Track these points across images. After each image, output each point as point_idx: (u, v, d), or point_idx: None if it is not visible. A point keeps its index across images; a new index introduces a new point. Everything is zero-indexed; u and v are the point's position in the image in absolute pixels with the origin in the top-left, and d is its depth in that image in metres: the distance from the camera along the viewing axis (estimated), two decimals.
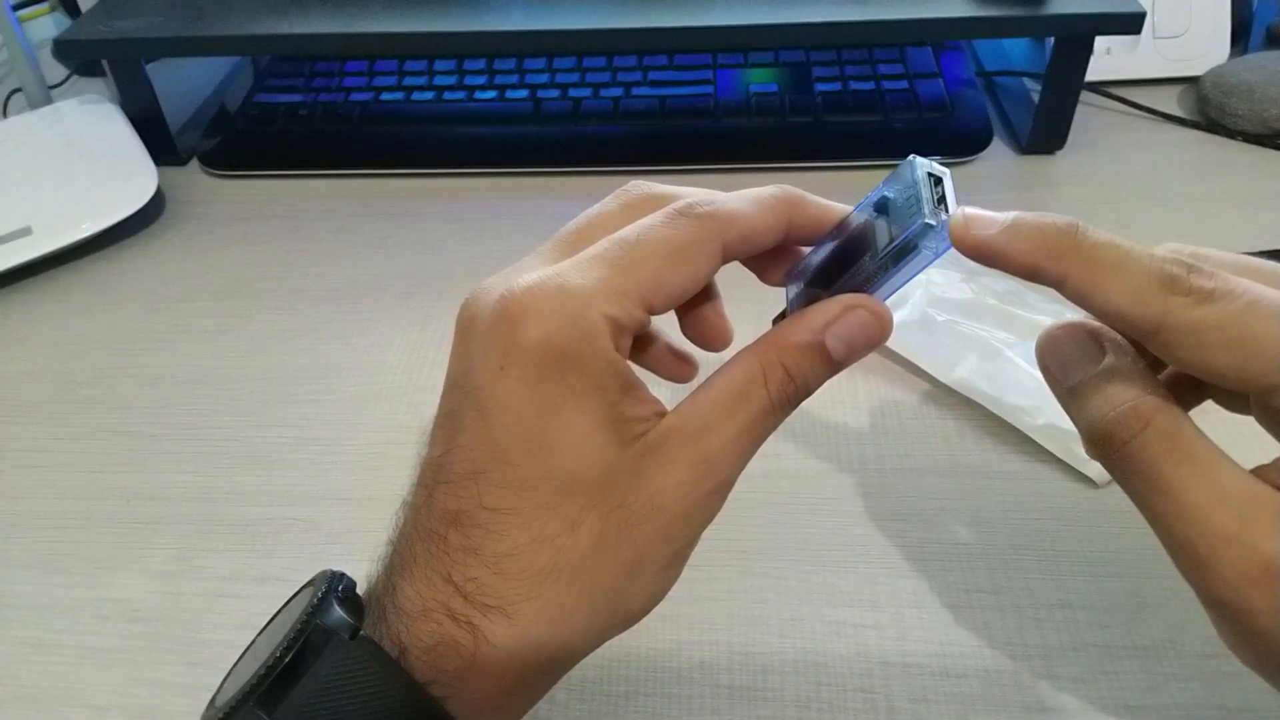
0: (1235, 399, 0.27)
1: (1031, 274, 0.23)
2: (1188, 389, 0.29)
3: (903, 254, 0.24)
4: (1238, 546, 0.22)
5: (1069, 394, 0.25)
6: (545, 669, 0.24)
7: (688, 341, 0.29)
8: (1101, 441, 0.24)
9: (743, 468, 0.25)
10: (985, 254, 0.24)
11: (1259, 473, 0.23)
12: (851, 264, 0.25)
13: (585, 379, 0.23)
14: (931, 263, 0.24)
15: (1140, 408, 0.23)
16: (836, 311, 0.24)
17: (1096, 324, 0.25)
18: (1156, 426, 0.23)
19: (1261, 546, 0.22)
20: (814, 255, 0.27)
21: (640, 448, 0.24)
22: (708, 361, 0.29)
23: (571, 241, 0.26)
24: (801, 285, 0.27)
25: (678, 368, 0.30)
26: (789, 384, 0.24)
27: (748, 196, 0.26)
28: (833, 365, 0.25)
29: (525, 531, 0.23)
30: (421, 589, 0.23)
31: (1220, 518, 0.22)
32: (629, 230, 0.24)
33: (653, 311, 0.24)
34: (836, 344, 0.24)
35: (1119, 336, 0.25)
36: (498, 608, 0.23)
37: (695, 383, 0.26)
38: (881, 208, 0.25)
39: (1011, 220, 0.24)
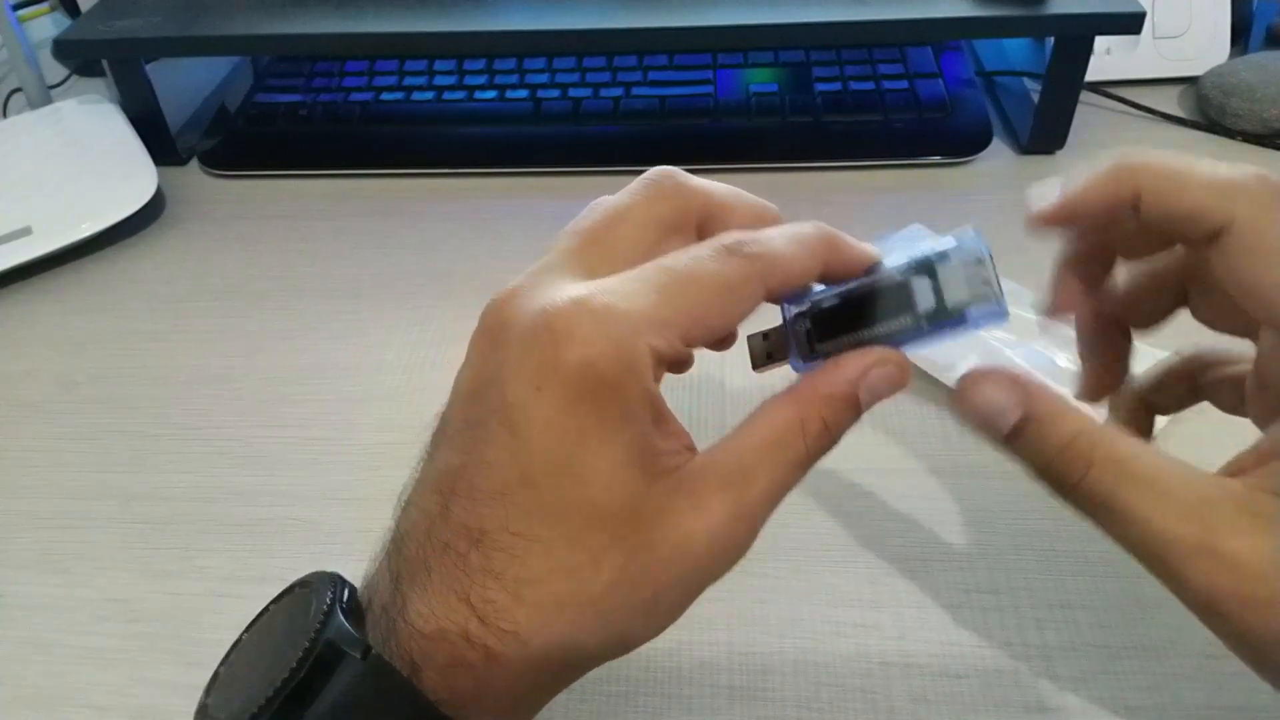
0: (1232, 398, 0.27)
1: (1113, 204, 0.24)
2: (1183, 389, 0.29)
3: (950, 321, 0.24)
4: (1204, 554, 0.22)
5: (1005, 443, 0.25)
6: (549, 688, 0.24)
7: None
8: (1053, 486, 0.24)
9: (769, 517, 0.24)
10: (1068, 217, 0.25)
11: (1234, 464, 0.23)
12: (881, 315, 0.25)
13: (621, 408, 0.22)
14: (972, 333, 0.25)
15: (1078, 445, 0.23)
16: (871, 362, 0.25)
17: (1002, 369, 0.25)
18: (1099, 460, 0.23)
19: (1226, 548, 0.21)
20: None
21: (670, 484, 0.23)
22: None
23: (602, 239, 0.25)
24: (803, 311, 0.26)
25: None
26: (825, 435, 0.24)
27: (790, 236, 0.25)
28: (859, 415, 0.25)
29: (547, 560, 0.22)
30: (436, 607, 0.22)
31: (1180, 530, 0.22)
32: (679, 260, 0.24)
33: (691, 345, 0.24)
34: (866, 394, 0.25)
35: (1030, 375, 0.25)
36: (513, 633, 0.22)
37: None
38: (926, 269, 0.25)
39: (1073, 178, 0.25)
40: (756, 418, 0.25)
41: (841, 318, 0.26)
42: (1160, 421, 0.39)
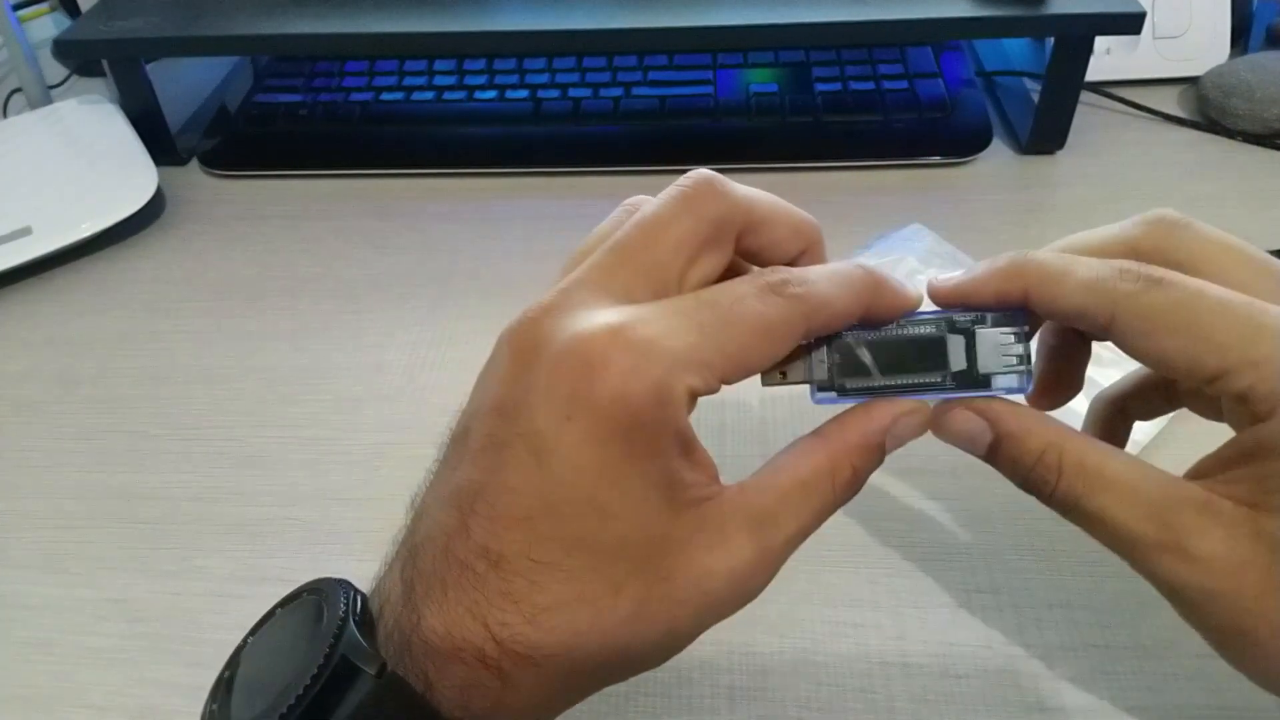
0: (1210, 405, 0.28)
1: (1000, 299, 0.25)
2: (1159, 397, 0.29)
3: (973, 385, 0.26)
4: (1168, 551, 0.23)
5: (987, 462, 0.26)
6: (559, 708, 0.24)
7: None
8: (1034, 495, 0.25)
9: (787, 559, 0.25)
10: (958, 298, 0.26)
11: (1197, 468, 0.24)
12: (911, 365, 0.26)
13: (652, 445, 0.22)
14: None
15: (1046, 459, 0.24)
16: (902, 412, 0.25)
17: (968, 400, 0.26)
18: (1068, 469, 0.24)
19: (1187, 546, 0.23)
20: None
21: (695, 519, 0.23)
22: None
23: (638, 257, 0.24)
24: (829, 340, 0.26)
25: None
26: (854, 482, 0.25)
27: (837, 278, 0.24)
28: (882, 461, 0.26)
29: (568, 588, 0.22)
30: (452, 626, 0.22)
31: (1145, 528, 0.23)
32: (722, 296, 0.23)
33: (726, 384, 0.23)
34: (892, 442, 0.25)
35: (995, 400, 0.26)
36: (529, 658, 0.22)
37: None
38: (964, 330, 0.26)
39: (970, 268, 0.26)
40: (786, 459, 0.25)
41: (869, 357, 0.26)
42: (1161, 422, 0.39)
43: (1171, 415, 0.31)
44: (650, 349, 0.22)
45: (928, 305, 0.27)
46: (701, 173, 0.25)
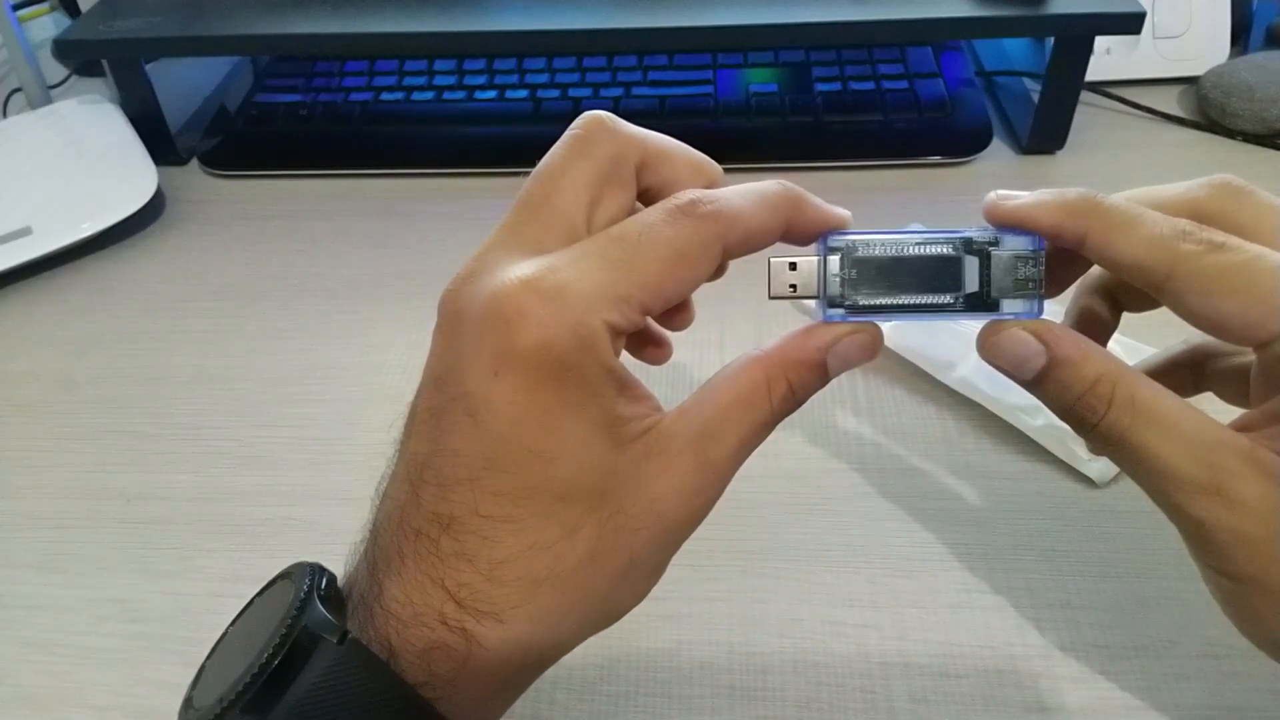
0: (1235, 389, 0.27)
1: (1057, 233, 0.25)
2: (1187, 380, 0.29)
3: (982, 308, 0.25)
4: (1208, 492, 0.23)
5: (1030, 387, 0.26)
6: (534, 667, 0.24)
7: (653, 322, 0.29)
8: (1075, 426, 0.25)
9: (735, 472, 0.25)
10: (1016, 220, 0.25)
11: (1241, 421, 0.24)
12: (923, 283, 0.25)
13: (583, 387, 0.22)
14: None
15: (1099, 389, 0.24)
16: (844, 332, 0.25)
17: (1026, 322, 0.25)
18: (1117, 402, 0.24)
19: (1229, 489, 0.23)
20: (861, 234, 0.26)
21: (640, 450, 0.23)
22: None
23: (540, 208, 0.25)
24: (841, 253, 0.26)
25: (652, 353, 0.30)
26: (790, 398, 0.25)
27: (751, 195, 0.25)
28: (826, 380, 0.25)
29: (521, 539, 0.22)
30: (411, 592, 0.23)
31: (1188, 467, 0.23)
32: (630, 228, 0.24)
33: (649, 314, 0.24)
34: (835, 361, 0.25)
35: (1051, 323, 0.25)
36: (492, 614, 0.22)
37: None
38: (979, 251, 0.25)
39: (1037, 192, 0.25)
40: (725, 377, 0.25)
41: (881, 272, 0.25)
42: None
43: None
44: (564, 293, 0.22)
45: (918, 225, 0.26)
46: (591, 113, 0.26)
